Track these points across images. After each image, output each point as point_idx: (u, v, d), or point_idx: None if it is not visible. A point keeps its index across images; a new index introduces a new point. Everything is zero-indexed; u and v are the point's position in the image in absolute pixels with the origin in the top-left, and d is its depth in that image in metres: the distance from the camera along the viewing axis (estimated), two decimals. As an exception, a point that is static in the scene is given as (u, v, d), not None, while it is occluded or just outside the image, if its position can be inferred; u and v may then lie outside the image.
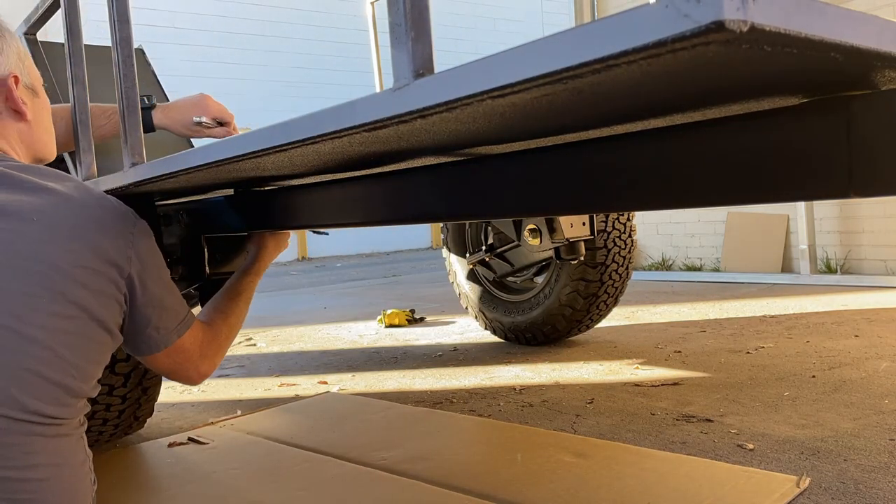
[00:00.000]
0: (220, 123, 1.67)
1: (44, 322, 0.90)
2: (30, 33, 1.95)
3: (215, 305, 1.30)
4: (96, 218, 0.99)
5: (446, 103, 0.54)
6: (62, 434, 0.94)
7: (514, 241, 2.65)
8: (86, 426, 1.01)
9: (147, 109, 1.65)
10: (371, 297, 5.41)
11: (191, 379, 1.19)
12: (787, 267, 5.19)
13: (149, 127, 1.67)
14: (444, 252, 3.31)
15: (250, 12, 11.78)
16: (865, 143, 0.56)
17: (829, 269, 4.90)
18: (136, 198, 1.22)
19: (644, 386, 2.27)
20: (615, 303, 2.88)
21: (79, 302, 0.93)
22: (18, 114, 1.07)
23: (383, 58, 2.91)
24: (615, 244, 2.72)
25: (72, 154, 1.79)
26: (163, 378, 1.90)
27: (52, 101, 1.30)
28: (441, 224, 3.69)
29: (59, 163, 1.70)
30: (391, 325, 3.85)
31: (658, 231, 6.02)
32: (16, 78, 1.06)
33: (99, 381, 1.01)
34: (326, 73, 12.29)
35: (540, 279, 2.96)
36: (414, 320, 3.95)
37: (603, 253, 2.70)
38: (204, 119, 1.64)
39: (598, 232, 2.67)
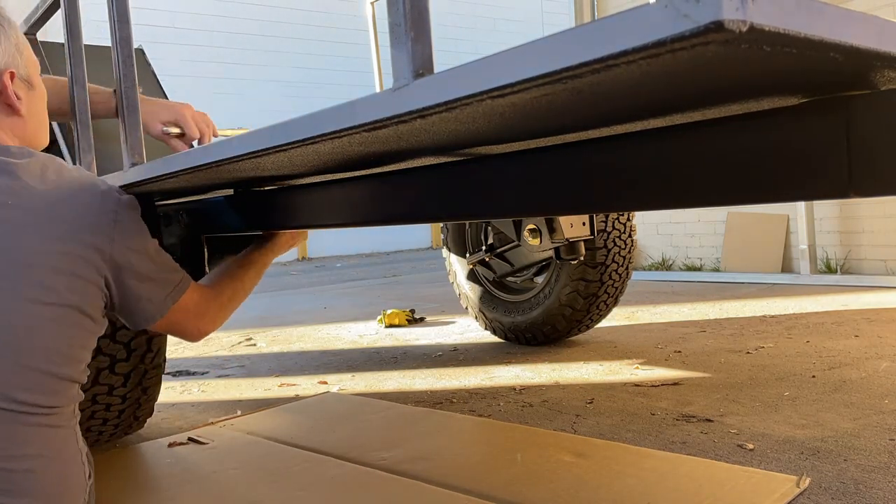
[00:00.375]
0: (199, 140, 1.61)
1: (20, 309, 0.90)
2: (30, 33, 1.96)
3: (224, 269, 1.32)
4: (74, 200, 0.99)
5: (446, 103, 0.54)
6: (52, 425, 0.93)
7: (514, 241, 2.65)
8: (78, 418, 1.01)
9: None
10: (371, 297, 5.41)
11: (190, 336, 1.21)
12: (787, 267, 5.19)
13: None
14: (444, 252, 3.31)
15: (250, 12, 11.78)
16: (865, 143, 0.56)
17: (829, 269, 4.90)
18: (136, 197, 1.22)
19: (644, 386, 2.27)
20: (615, 303, 2.88)
21: (54, 288, 0.93)
22: (12, 108, 1.08)
23: (383, 58, 2.91)
24: (615, 244, 2.72)
25: (69, 144, 1.79)
26: (163, 378, 1.90)
27: None
28: (441, 224, 3.69)
29: (50, 144, 1.69)
30: (391, 325, 3.85)
31: (658, 231, 6.02)
32: (11, 74, 1.07)
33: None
34: (326, 73, 12.29)
35: (540, 279, 2.96)
36: (414, 320, 3.95)
37: (603, 253, 2.70)
38: (172, 129, 1.58)
39: (598, 232, 2.67)
